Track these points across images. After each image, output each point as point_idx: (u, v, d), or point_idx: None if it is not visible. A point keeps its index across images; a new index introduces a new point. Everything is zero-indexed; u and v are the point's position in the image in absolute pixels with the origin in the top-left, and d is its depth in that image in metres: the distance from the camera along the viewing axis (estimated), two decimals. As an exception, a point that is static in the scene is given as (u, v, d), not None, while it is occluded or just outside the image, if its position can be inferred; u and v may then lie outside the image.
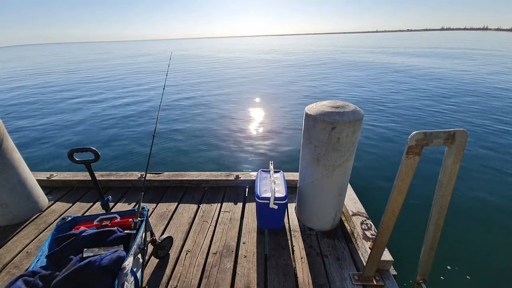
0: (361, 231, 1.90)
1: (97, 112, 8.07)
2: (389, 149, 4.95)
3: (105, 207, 1.67)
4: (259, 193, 1.92)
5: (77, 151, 1.54)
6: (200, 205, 2.42)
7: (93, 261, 1.11)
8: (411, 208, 3.10)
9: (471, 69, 13.91)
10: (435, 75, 12.48)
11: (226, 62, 22.69)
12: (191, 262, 1.79)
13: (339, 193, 1.91)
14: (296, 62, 21.16)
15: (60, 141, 5.83)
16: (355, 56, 24.90)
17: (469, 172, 4.04)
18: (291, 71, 15.96)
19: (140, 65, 22.77)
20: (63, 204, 2.48)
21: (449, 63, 16.95)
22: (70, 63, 26.26)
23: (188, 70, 17.59)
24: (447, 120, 6.33)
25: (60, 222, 1.47)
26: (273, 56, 28.54)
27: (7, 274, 1.73)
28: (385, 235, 1.39)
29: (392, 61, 19.22)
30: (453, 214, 3.09)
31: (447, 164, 1.17)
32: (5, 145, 2.07)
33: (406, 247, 2.59)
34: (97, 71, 19.17)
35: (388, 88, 10.07)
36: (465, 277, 2.35)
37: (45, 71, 20.00)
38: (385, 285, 1.59)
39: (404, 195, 1.25)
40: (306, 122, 1.79)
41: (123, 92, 11.02)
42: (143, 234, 1.43)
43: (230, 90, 10.68)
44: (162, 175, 2.72)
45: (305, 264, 1.77)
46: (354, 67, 16.69)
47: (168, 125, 6.59)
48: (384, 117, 6.68)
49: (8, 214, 2.16)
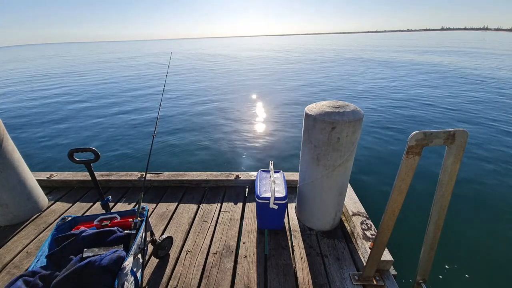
0: (361, 231, 1.90)
1: (97, 112, 8.07)
2: (389, 149, 4.95)
3: (105, 207, 1.67)
4: (259, 193, 1.92)
5: (77, 151, 1.54)
6: (200, 205, 2.42)
7: (93, 261, 1.11)
8: (411, 208, 3.10)
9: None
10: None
11: (264, 61, 22.57)
12: (191, 262, 1.79)
13: (339, 193, 1.91)
14: (330, 58, 21.19)
15: (60, 141, 5.83)
16: (382, 53, 24.98)
17: (469, 171, 4.04)
18: (336, 68, 15.96)
19: (144, 65, 22.68)
20: (63, 204, 2.48)
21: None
22: (73, 64, 26.21)
23: (228, 68, 17.29)
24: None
25: (60, 222, 1.47)
26: (295, 54, 28.54)
27: (7, 274, 1.73)
28: (385, 235, 1.39)
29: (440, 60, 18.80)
30: (453, 214, 3.09)
31: (447, 164, 1.17)
32: (5, 145, 2.07)
33: (406, 247, 2.59)
34: (97, 70, 19.17)
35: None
36: (465, 277, 2.35)
37: (46, 72, 19.98)
38: (385, 285, 1.59)
39: (404, 195, 1.25)
40: (306, 122, 1.79)
41: (123, 92, 11.03)
42: (143, 234, 1.43)
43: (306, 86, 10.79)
44: (162, 175, 2.72)
45: (305, 264, 1.77)
46: (390, 65, 16.79)
47: (168, 125, 6.59)
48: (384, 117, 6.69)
49: (8, 214, 2.16)
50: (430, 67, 15.07)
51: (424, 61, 18.26)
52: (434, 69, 14.27)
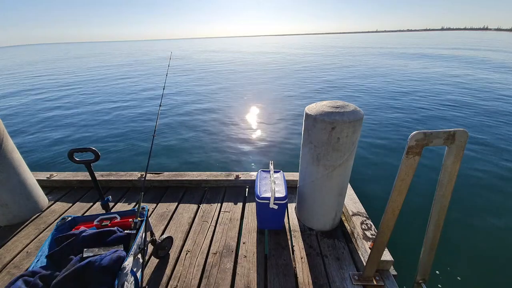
0: (361, 231, 1.90)
1: (97, 112, 8.07)
2: (389, 149, 4.95)
3: (105, 207, 1.67)
4: (259, 193, 1.92)
5: (77, 151, 1.54)
6: (200, 205, 2.42)
7: (93, 261, 1.11)
8: (411, 208, 3.10)
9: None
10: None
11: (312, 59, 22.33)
12: (191, 262, 1.79)
13: (339, 193, 1.91)
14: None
15: (60, 141, 5.83)
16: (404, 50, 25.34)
17: (469, 171, 4.04)
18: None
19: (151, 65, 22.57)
20: (63, 204, 2.48)
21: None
22: (68, 64, 26.16)
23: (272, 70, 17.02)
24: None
25: (60, 222, 1.46)
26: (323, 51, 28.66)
27: (7, 274, 1.73)
28: (385, 235, 1.39)
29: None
30: (453, 214, 3.09)
31: (447, 164, 1.17)
32: (5, 145, 2.07)
33: (406, 247, 2.59)
34: (98, 71, 19.16)
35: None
36: (465, 277, 2.35)
37: (42, 73, 19.97)
38: (385, 285, 1.59)
39: (404, 195, 1.25)
40: (306, 122, 1.79)
41: (123, 92, 11.03)
42: (143, 234, 1.43)
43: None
44: (162, 175, 2.71)
45: (305, 264, 1.77)
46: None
47: (168, 125, 6.59)
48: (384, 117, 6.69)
49: (8, 214, 2.16)
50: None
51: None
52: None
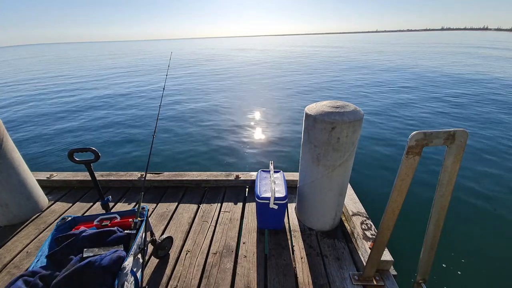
0: (361, 231, 1.90)
1: (97, 112, 8.07)
2: (389, 149, 4.95)
3: (105, 207, 1.67)
4: (259, 193, 1.92)
5: (77, 151, 1.54)
6: (200, 205, 2.42)
7: (93, 261, 1.11)
8: (411, 208, 3.10)
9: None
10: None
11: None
12: (191, 262, 1.79)
13: (339, 193, 1.91)
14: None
15: (60, 141, 5.83)
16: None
17: (469, 171, 4.04)
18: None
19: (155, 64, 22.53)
20: (63, 204, 2.48)
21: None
22: (73, 65, 26.17)
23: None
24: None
25: (60, 222, 1.46)
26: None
27: (7, 274, 1.73)
28: (385, 235, 1.39)
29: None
30: (453, 213, 3.09)
31: (447, 164, 1.17)
32: (5, 145, 2.07)
33: (406, 247, 2.59)
34: (98, 71, 19.16)
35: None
36: (465, 277, 2.35)
37: (46, 72, 19.98)
38: (385, 285, 1.59)
39: (404, 195, 1.25)
40: (306, 122, 1.79)
41: (123, 92, 11.03)
42: (143, 234, 1.43)
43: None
44: (162, 175, 2.71)
45: (305, 264, 1.77)
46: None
47: (168, 125, 6.59)
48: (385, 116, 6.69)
49: (8, 214, 2.16)
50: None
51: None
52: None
